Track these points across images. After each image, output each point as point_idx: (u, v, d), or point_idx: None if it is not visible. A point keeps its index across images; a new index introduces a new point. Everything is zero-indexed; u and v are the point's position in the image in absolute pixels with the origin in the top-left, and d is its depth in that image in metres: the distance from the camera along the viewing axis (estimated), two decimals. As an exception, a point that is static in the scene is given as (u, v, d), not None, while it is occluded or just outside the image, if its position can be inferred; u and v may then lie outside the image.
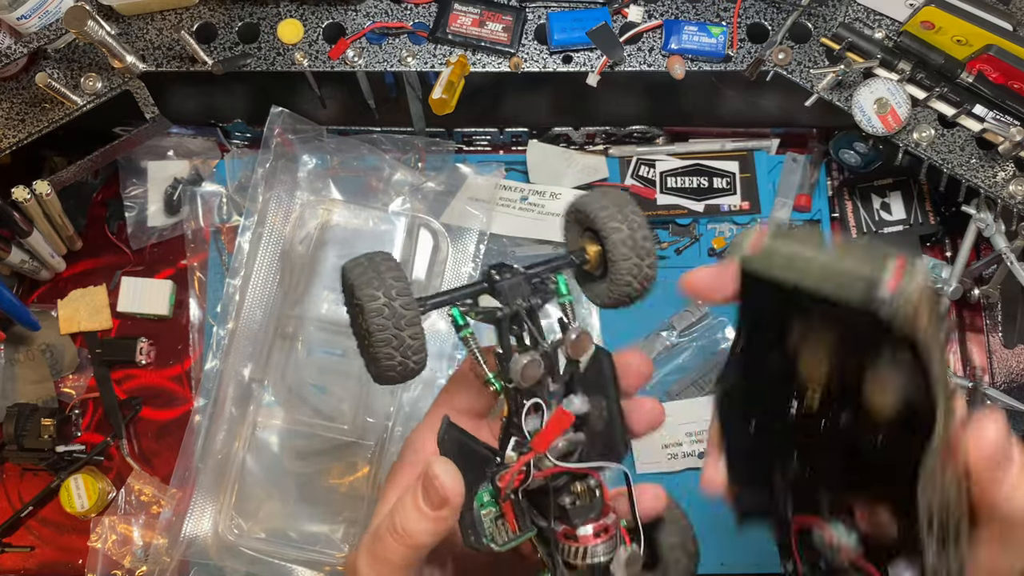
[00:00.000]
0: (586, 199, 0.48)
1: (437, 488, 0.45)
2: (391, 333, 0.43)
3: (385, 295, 0.43)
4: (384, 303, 0.43)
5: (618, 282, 0.47)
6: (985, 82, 0.74)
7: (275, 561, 0.83)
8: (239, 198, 0.91)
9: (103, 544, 0.86)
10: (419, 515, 0.46)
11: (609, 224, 0.46)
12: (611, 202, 0.47)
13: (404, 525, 0.46)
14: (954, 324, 0.41)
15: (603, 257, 0.48)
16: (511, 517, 0.47)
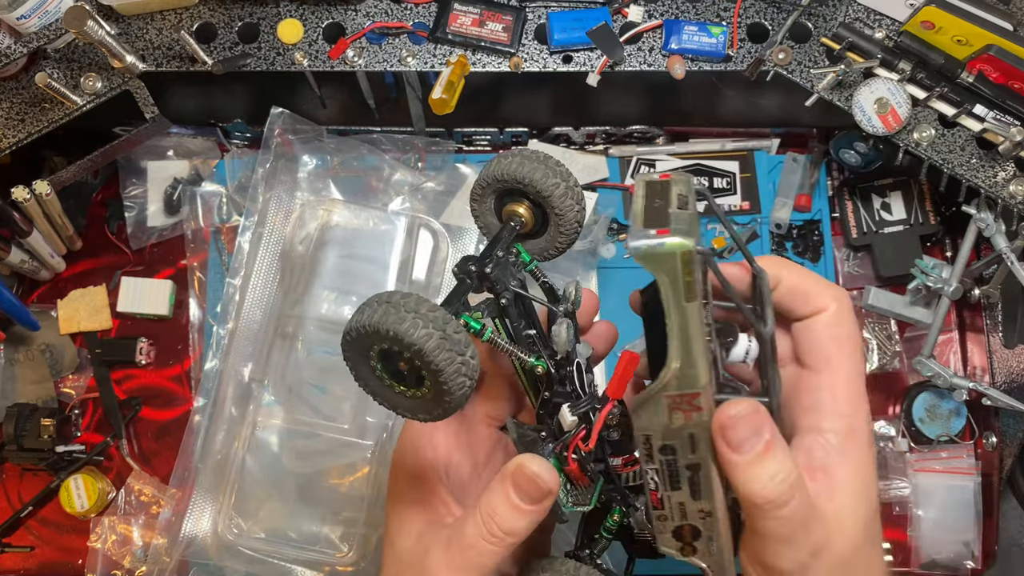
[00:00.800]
0: (507, 167, 0.50)
1: (539, 484, 0.46)
2: (458, 362, 0.42)
3: (436, 327, 0.42)
4: (440, 336, 0.41)
5: (566, 231, 0.52)
6: (985, 82, 0.74)
7: (275, 561, 0.83)
8: (239, 198, 0.91)
9: (103, 544, 0.86)
10: (518, 513, 0.46)
11: (548, 182, 0.50)
12: (536, 162, 0.50)
13: (504, 526, 0.46)
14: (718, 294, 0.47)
15: (539, 214, 0.52)
16: (579, 476, 0.50)
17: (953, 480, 0.89)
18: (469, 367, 0.43)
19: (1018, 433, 0.87)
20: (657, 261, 0.42)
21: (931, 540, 0.88)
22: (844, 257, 0.94)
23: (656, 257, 0.42)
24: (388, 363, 0.44)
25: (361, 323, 0.43)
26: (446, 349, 0.42)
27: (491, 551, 0.47)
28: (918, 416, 0.89)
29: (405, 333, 0.41)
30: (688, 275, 0.42)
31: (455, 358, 0.42)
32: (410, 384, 0.44)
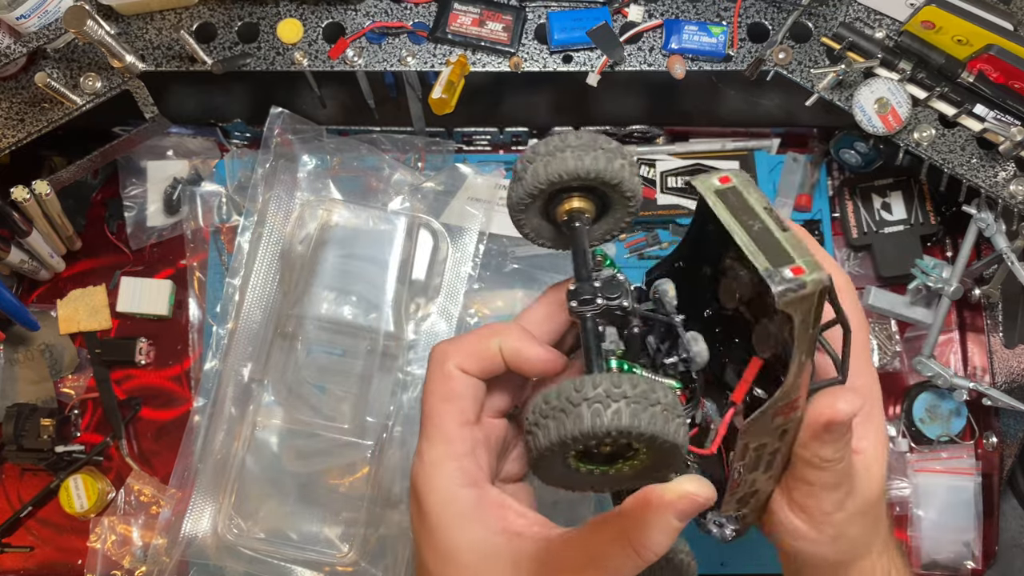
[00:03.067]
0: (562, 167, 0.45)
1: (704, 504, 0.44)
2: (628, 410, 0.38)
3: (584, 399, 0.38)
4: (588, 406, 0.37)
5: (633, 205, 0.48)
6: (986, 82, 0.74)
7: (275, 561, 0.83)
8: (239, 198, 0.91)
9: (102, 544, 0.86)
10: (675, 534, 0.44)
11: (614, 168, 0.45)
12: (594, 150, 0.45)
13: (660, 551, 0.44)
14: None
15: (596, 199, 0.47)
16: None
17: (953, 480, 0.88)
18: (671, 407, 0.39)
19: (1018, 433, 0.87)
20: (799, 304, 0.41)
21: (931, 540, 0.88)
22: (844, 257, 0.94)
23: (799, 299, 0.40)
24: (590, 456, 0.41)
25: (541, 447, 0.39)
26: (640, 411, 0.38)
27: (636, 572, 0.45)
28: (918, 416, 0.89)
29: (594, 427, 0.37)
30: (820, 306, 0.41)
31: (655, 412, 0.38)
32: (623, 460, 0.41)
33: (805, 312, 0.41)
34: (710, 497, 0.44)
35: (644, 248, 0.92)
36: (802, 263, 0.40)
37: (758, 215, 0.43)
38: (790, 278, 0.40)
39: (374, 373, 0.85)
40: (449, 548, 0.47)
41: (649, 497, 0.44)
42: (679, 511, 0.43)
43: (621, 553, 0.44)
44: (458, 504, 0.46)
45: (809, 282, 0.40)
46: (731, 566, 0.86)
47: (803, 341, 0.42)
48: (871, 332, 0.91)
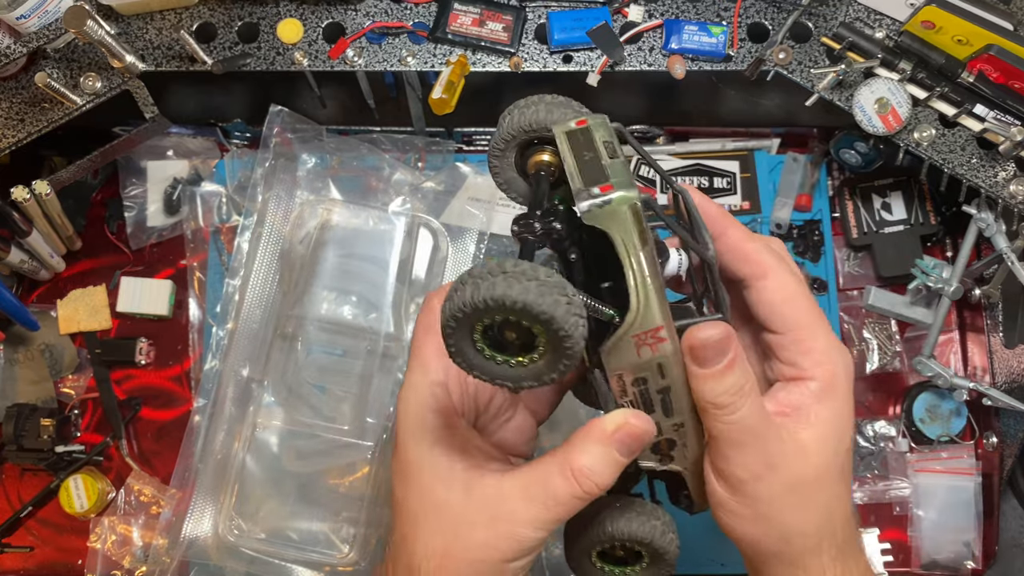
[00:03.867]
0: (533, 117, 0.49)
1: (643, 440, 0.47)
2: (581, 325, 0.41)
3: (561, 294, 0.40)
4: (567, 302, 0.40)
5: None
6: (986, 82, 0.74)
7: (275, 561, 0.83)
8: (239, 198, 0.91)
9: (103, 544, 0.86)
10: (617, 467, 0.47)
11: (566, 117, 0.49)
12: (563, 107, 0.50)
13: (602, 483, 0.47)
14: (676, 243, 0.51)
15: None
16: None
17: (953, 480, 0.88)
18: (575, 304, 0.41)
19: (1018, 433, 0.87)
20: (608, 218, 0.44)
21: (931, 540, 0.88)
22: (844, 257, 0.94)
23: (606, 215, 0.43)
24: (494, 341, 0.43)
25: (480, 297, 0.40)
26: (572, 314, 0.40)
27: (580, 505, 0.48)
28: (918, 416, 0.89)
29: (503, 296, 0.40)
30: (639, 224, 0.44)
31: (579, 322, 0.41)
32: (524, 352, 0.43)
33: (622, 231, 0.43)
34: (647, 430, 0.47)
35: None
36: (614, 182, 0.43)
37: (596, 148, 0.46)
38: (596, 194, 0.43)
39: (374, 373, 0.85)
40: (410, 464, 0.50)
41: (590, 426, 0.47)
42: (616, 440, 0.47)
43: (562, 480, 0.47)
44: (425, 425, 0.50)
45: (615, 199, 0.43)
46: (731, 566, 0.86)
47: (633, 262, 0.44)
48: (871, 331, 0.91)
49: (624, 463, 0.47)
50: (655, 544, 0.51)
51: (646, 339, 0.46)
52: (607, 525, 0.51)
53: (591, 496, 0.47)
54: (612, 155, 0.46)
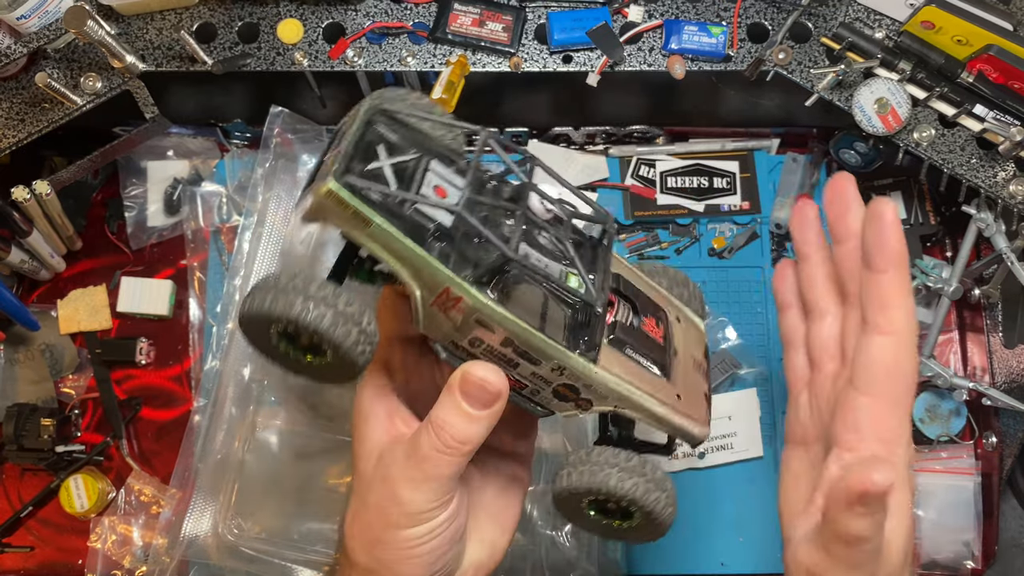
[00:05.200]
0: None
1: (487, 388, 0.48)
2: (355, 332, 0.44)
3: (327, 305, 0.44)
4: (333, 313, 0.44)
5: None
6: (985, 82, 0.74)
7: (275, 561, 0.83)
8: (239, 198, 0.91)
9: (103, 544, 0.86)
10: (470, 421, 0.48)
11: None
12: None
13: (458, 436, 0.48)
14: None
15: None
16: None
17: (953, 480, 0.88)
18: (367, 335, 0.45)
19: (1018, 433, 0.87)
20: (321, 215, 0.45)
21: (931, 540, 0.88)
22: (844, 257, 0.94)
23: (314, 214, 0.45)
24: (289, 339, 0.46)
25: (253, 310, 0.45)
26: (341, 324, 0.44)
27: (447, 461, 0.48)
28: (918, 416, 0.89)
29: (298, 317, 0.43)
30: (347, 208, 0.44)
31: (351, 330, 0.44)
32: (313, 353, 0.46)
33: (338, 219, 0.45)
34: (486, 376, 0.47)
35: (644, 248, 0.92)
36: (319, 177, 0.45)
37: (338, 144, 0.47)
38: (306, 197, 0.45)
39: (374, 373, 0.85)
40: (358, 451, 0.54)
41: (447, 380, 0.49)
42: (462, 392, 0.48)
43: (425, 434, 0.49)
44: (365, 414, 0.54)
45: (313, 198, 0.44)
46: (731, 566, 0.86)
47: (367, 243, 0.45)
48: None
49: (477, 415, 0.48)
50: (640, 503, 0.50)
51: (445, 304, 0.47)
52: (585, 476, 0.50)
53: (455, 451, 0.48)
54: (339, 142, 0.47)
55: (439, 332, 0.48)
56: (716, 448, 0.87)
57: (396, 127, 0.51)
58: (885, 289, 0.49)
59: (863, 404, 0.49)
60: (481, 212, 0.50)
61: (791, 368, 0.59)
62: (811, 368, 0.57)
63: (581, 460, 0.49)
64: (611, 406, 0.51)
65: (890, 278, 0.48)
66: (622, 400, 0.51)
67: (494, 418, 0.49)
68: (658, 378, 0.52)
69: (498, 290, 0.47)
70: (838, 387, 0.53)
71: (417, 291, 0.46)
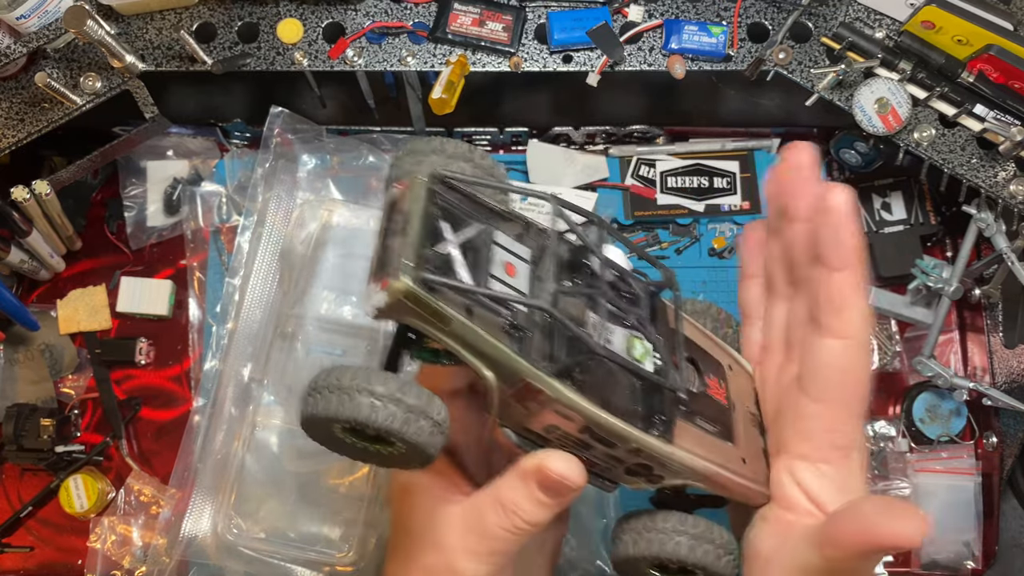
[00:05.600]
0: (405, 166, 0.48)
1: (565, 484, 0.46)
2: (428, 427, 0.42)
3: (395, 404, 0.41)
4: (404, 411, 0.41)
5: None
6: (986, 82, 0.74)
7: (275, 561, 0.83)
8: (239, 198, 0.91)
9: (102, 544, 0.86)
10: (543, 508, 0.47)
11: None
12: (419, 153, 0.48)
13: (529, 520, 0.47)
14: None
15: None
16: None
17: (953, 480, 0.88)
18: (440, 426, 0.43)
19: (1019, 433, 0.87)
20: (394, 315, 0.42)
21: (931, 540, 0.88)
22: (844, 257, 0.94)
23: (388, 314, 0.42)
24: (356, 433, 0.44)
25: (318, 413, 0.42)
26: (413, 421, 0.41)
27: (514, 540, 0.48)
28: (918, 416, 0.89)
29: (368, 419, 0.41)
30: (427, 308, 0.41)
31: (423, 425, 0.42)
32: (386, 445, 0.44)
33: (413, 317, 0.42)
34: (566, 473, 0.46)
35: (644, 248, 0.92)
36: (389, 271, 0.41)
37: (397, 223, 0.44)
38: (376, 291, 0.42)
39: (374, 373, 0.85)
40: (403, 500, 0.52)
41: (517, 461, 0.47)
42: (536, 480, 0.46)
43: (493, 513, 0.47)
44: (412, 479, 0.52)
45: (388, 295, 0.41)
46: (731, 566, 0.86)
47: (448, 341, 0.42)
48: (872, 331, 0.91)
49: (551, 503, 0.47)
50: (709, 569, 0.48)
51: (523, 396, 0.44)
52: (654, 544, 0.49)
53: (523, 531, 0.47)
54: (402, 232, 0.43)
55: (512, 419, 0.46)
56: (716, 448, 0.87)
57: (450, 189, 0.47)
58: (839, 289, 0.44)
59: (815, 411, 0.46)
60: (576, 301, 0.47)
61: (748, 342, 0.55)
62: (763, 350, 0.53)
63: (646, 527, 0.48)
64: (683, 480, 0.49)
65: (845, 277, 0.44)
66: (695, 474, 0.48)
67: (566, 504, 0.48)
68: (726, 444, 0.50)
69: (575, 378, 0.45)
70: (783, 382, 0.49)
71: (494, 384, 0.43)
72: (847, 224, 0.44)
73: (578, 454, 0.47)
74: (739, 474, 0.49)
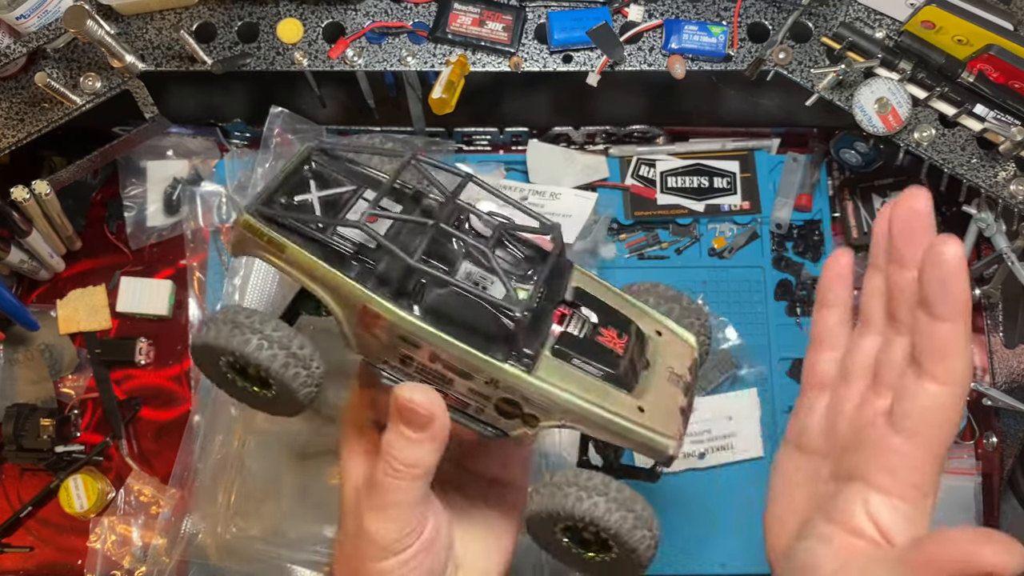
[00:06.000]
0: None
1: (417, 410, 0.47)
2: (304, 375, 0.47)
3: (280, 347, 0.46)
4: (285, 355, 0.46)
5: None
6: (986, 82, 0.74)
7: (274, 561, 0.83)
8: (239, 198, 0.91)
9: (102, 544, 0.86)
10: (412, 443, 0.48)
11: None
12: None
13: (404, 459, 0.48)
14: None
15: None
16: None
17: (953, 480, 0.88)
18: (314, 377, 0.47)
19: (1018, 433, 0.87)
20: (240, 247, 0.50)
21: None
22: (844, 257, 0.94)
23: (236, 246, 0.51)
24: (238, 370, 0.48)
25: (208, 340, 0.47)
26: (292, 367, 0.46)
27: (399, 486, 0.48)
28: (918, 416, 0.89)
29: (252, 355, 0.46)
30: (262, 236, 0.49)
31: (300, 372, 0.47)
32: (259, 385, 0.48)
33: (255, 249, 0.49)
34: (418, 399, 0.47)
35: (644, 248, 0.92)
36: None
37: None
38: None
39: (374, 373, 0.85)
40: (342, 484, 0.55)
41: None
42: (399, 414, 0.48)
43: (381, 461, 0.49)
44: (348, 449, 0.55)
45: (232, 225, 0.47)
46: (731, 567, 0.86)
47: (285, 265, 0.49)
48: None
49: (416, 437, 0.48)
50: (623, 539, 0.47)
51: (366, 322, 0.48)
52: (570, 501, 0.47)
53: (404, 474, 0.48)
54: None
55: (372, 353, 0.50)
56: (716, 448, 0.87)
57: (336, 164, 0.53)
58: (945, 339, 0.45)
59: (903, 449, 0.47)
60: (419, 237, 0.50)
61: (813, 367, 0.55)
62: (841, 377, 0.53)
63: (567, 482, 0.47)
64: (558, 420, 0.49)
65: (952, 328, 0.45)
66: (567, 412, 0.48)
67: (438, 439, 0.48)
68: (613, 389, 0.50)
69: (421, 306, 0.48)
70: (865, 413, 0.50)
71: (339, 311, 0.48)
72: (958, 277, 0.44)
73: (443, 390, 0.49)
74: (629, 420, 0.49)
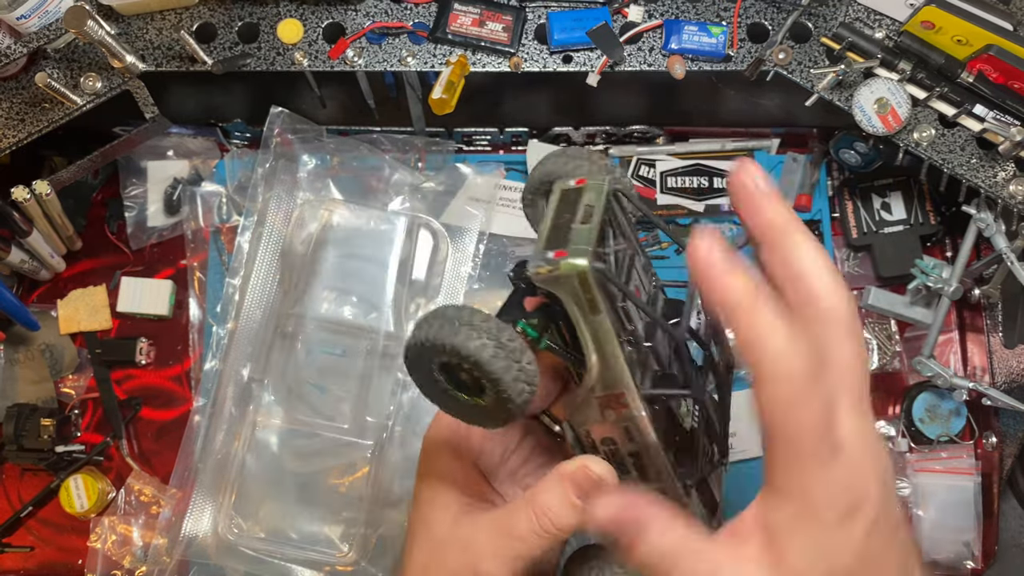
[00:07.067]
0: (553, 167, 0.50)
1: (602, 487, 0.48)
2: (515, 369, 0.44)
3: (490, 337, 0.43)
4: (495, 345, 0.43)
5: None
6: (985, 82, 0.74)
7: (275, 561, 0.83)
8: (239, 198, 0.91)
9: (103, 544, 0.86)
10: (576, 512, 0.48)
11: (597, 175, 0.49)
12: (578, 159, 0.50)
13: (559, 523, 0.48)
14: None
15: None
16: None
17: (953, 480, 0.88)
18: (527, 373, 0.44)
19: (1018, 433, 0.87)
20: (555, 284, 0.44)
21: (931, 540, 0.88)
22: (844, 257, 0.94)
23: (553, 281, 0.43)
24: (451, 375, 0.46)
25: (419, 339, 0.44)
26: (502, 358, 0.43)
27: (541, 544, 0.49)
28: (918, 416, 0.89)
29: (461, 345, 0.43)
30: (588, 293, 0.43)
31: (511, 366, 0.43)
32: (473, 393, 0.46)
33: (569, 298, 0.44)
34: (604, 475, 0.48)
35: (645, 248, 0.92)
36: (570, 249, 0.43)
37: (575, 210, 0.46)
38: (547, 258, 0.43)
39: (374, 373, 0.85)
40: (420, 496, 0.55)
41: (556, 467, 0.49)
42: (574, 482, 0.48)
43: (524, 515, 0.49)
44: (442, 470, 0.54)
45: (562, 266, 0.43)
46: (731, 566, 0.86)
47: (584, 328, 0.45)
48: (870, 331, 0.91)
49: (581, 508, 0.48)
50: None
51: (610, 402, 0.47)
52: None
53: (550, 534, 0.48)
54: (585, 220, 0.45)
55: (579, 419, 0.49)
56: (716, 448, 0.87)
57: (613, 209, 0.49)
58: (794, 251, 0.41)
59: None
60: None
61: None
62: None
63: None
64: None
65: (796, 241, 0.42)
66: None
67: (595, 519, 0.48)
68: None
69: (654, 408, 0.48)
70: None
71: (593, 382, 0.46)
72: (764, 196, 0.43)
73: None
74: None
